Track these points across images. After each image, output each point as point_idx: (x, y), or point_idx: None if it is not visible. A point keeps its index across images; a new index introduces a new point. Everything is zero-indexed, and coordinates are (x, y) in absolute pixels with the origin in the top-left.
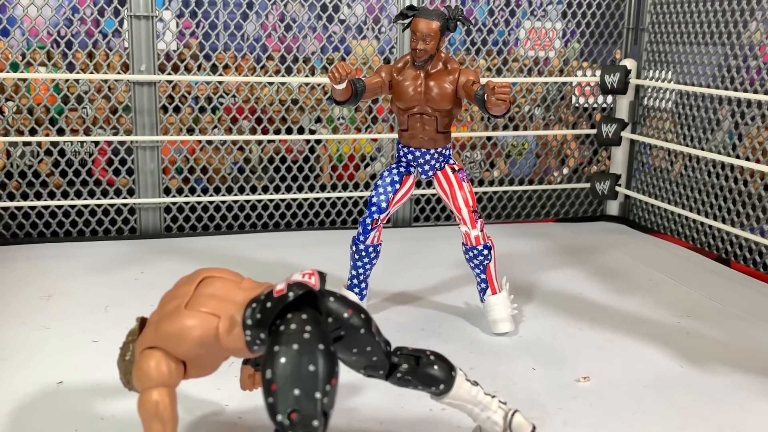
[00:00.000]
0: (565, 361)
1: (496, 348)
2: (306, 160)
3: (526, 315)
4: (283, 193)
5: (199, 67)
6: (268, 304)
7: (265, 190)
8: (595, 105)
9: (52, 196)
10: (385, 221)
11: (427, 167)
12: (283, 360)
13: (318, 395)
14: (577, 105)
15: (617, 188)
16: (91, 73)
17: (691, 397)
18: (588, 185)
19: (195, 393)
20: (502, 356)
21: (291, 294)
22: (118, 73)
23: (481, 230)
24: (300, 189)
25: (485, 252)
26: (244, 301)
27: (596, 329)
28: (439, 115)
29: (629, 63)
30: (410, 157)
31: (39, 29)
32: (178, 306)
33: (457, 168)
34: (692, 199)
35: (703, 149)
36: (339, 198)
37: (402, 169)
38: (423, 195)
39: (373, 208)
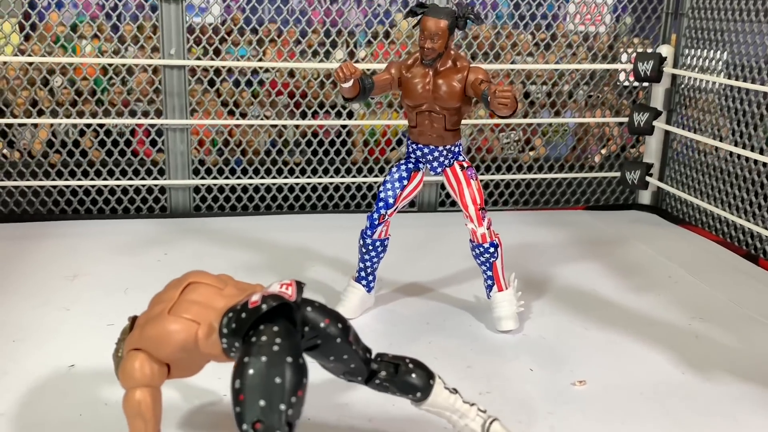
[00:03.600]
0: (564, 363)
1: (498, 346)
2: (340, 137)
3: (533, 311)
4: (308, 177)
5: (242, 40)
6: (243, 315)
7: (291, 173)
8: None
9: (86, 174)
10: (392, 216)
11: (435, 164)
12: (251, 371)
13: (282, 407)
14: (626, 84)
15: (649, 178)
16: (139, 46)
17: (686, 406)
18: (618, 174)
19: (195, 382)
20: (501, 355)
21: (264, 306)
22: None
23: (488, 228)
24: (328, 172)
25: (491, 250)
26: (224, 308)
27: (603, 329)
28: (447, 113)
29: (665, 50)
30: (419, 153)
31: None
32: (162, 310)
33: (465, 165)
34: (724, 193)
35: (737, 144)
36: (364, 182)
37: (411, 165)
38: None
39: (381, 204)
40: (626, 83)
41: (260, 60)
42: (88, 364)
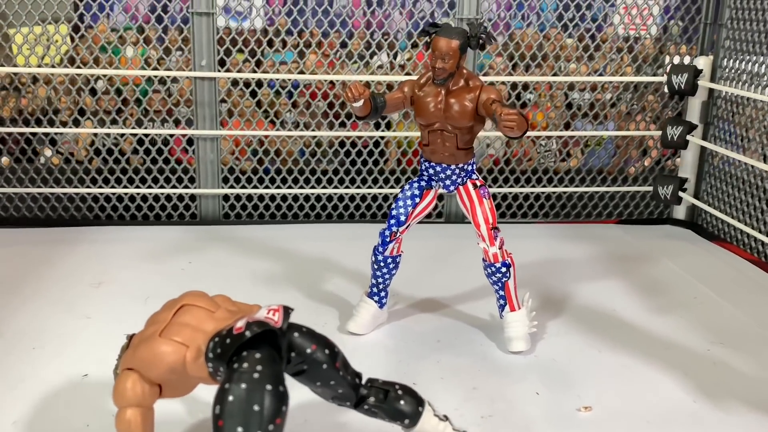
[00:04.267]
0: (572, 387)
1: (506, 367)
2: (377, 147)
3: (548, 331)
4: (335, 187)
5: (284, 45)
6: (227, 340)
7: (318, 182)
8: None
9: (119, 182)
10: (404, 233)
11: (448, 182)
12: (230, 398)
13: None
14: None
15: (682, 194)
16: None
17: None
18: (651, 188)
19: (200, 396)
20: (509, 376)
21: (247, 333)
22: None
23: (500, 248)
24: (355, 182)
25: (503, 270)
26: (212, 331)
27: (616, 352)
28: (459, 132)
29: (702, 61)
30: (431, 171)
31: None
32: (154, 332)
33: (478, 184)
34: (759, 210)
35: None
36: (391, 193)
37: (423, 183)
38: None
39: (392, 221)
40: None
41: (299, 69)
42: (100, 374)
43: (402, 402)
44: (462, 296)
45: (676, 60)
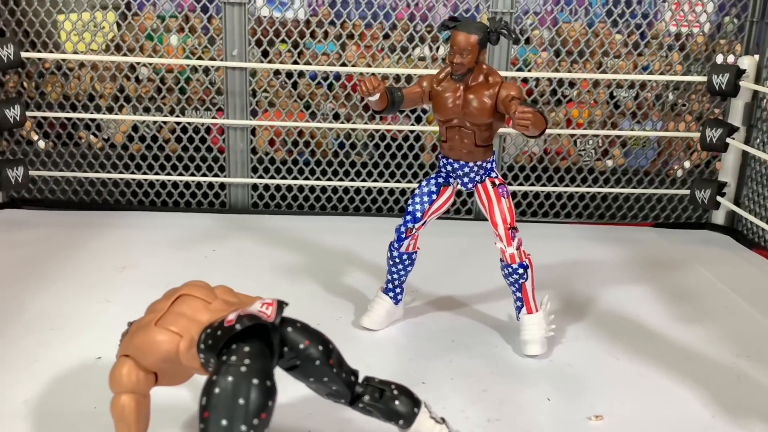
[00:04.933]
0: (585, 394)
1: (519, 371)
2: (407, 141)
3: (566, 336)
4: (363, 180)
5: (325, 36)
6: (218, 332)
7: (346, 174)
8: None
9: (150, 168)
10: (420, 230)
11: (466, 179)
12: (217, 390)
13: (243, 428)
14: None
15: (721, 198)
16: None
17: None
18: (689, 191)
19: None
20: (521, 381)
21: (238, 326)
22: None
23: (518, 248)
24: (382, 175)
25: (520, 271)
26: (206, 322)
27: (635, 361)
28: (477, 129)
29: (746, 62)
30: (449, 168)
31: None
32: (151, 320)
33: (497, 182)
34: None
35: None
36: None
37: (441, 180)
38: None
39: (408, 217)
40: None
41: (341, 60)
42: (113, 358)
43: (397, 402)
44: (482, 296)
45: (731, 59)
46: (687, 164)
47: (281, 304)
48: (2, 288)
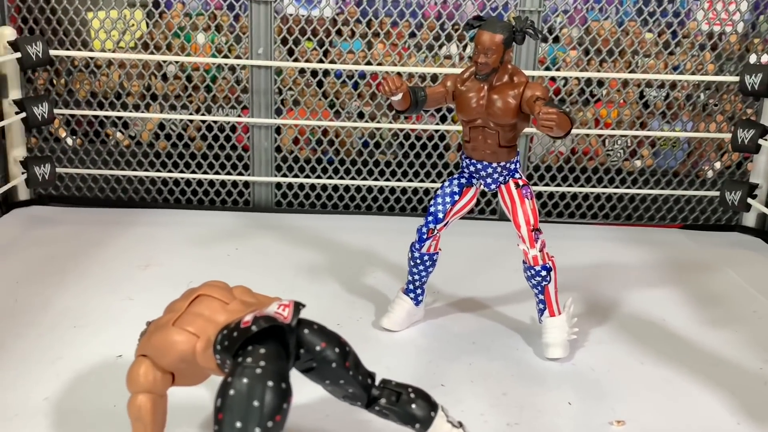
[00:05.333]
0: (606, 399)
1: (540, 374)
2: (440, 138)
3: (590, 339)
4: (386, 179)
5: (352, 34)
6: (234, 334)
7: (370, 173)
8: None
9: (176, 166)
10: (442, 231)
11: (489, 180)
12: (231, 392)
13: (257, 430)
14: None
15: (752, 200)
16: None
17: None
18: (718, 193)
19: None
20: (542, 384)
21: (254, 327)
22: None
23: (541, 250)
24: (406, 174)
25: (543, 273)
26: (223, 323)
27: (659, 366)
28: (501, 129)
29: None
30: (472, 168)
31: None
32: (169, 320)
33: (521, 183)
34: None
35: None
36: None
37: (463, 180)
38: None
39: (430, 218)
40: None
41: (366, 59)
42: (133, 356)
43: (414, 405)
44: (505, 298)
45: (765, 59)
46: (717, 165)
47: (298, 306)
48: (28, 285)
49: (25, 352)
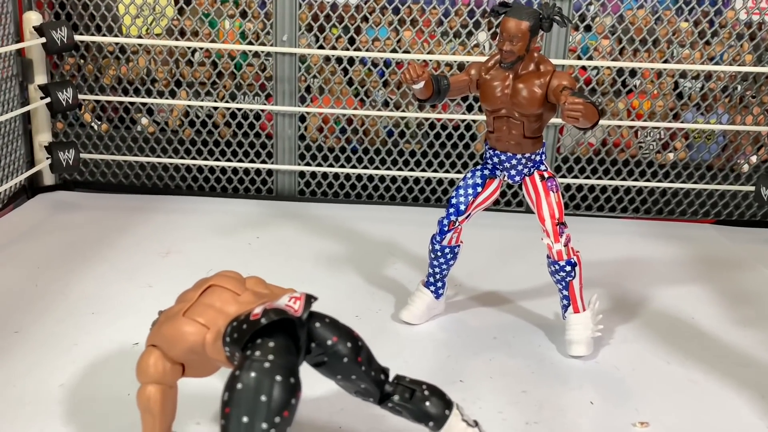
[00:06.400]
0: (630, 399)
1: (563, 372)
2: (458, 130)
3: (615, 336)
4: (411, 170)
5: (379, 20)
6: (244, 326)
7: (394, 163)
8: None
9: (200, 154)
10: (464, 223)
11: (513, 172)
12: (239, 386)
13: (264, 426)
14: None
15: None
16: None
17: None
18: (753, 188)
19: None
20: (564, 383)
21: (263, 320)
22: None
23: (566, 245)
24: (431, 165)
25: (567, 268)
26: (234, 315)
27: (686, 365)
28: (526, 119)
29: None
30: (496, 160)
31: None
32: (180, 310)
33: (547, 176)
34: None
35: None
36: None
37: (487, 172)
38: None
39: (451, 210)
40: None
41: (392, 46)
42: None
43: (428, 403)
44: (528, 292)
45: None
46: (753, 159)
47: (309, 299)
48: (48, 270)
49: (43, 337)
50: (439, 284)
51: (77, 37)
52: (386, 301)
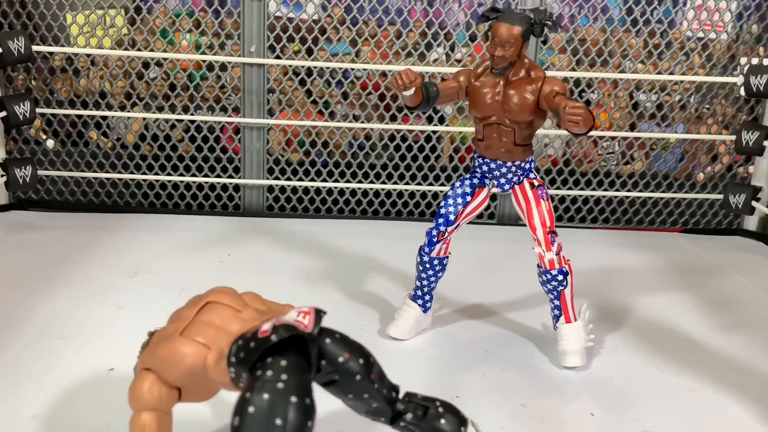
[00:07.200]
0: (630, 409)
1: (559, 384)
2: (429, 142)
3: (605, 346)
4: (383, 182)
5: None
6: (251, 344)
7: (365, 176)
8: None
9: (163, 169)
10: (453, 234)
11: (503, 180)
12: (251, 409)
13: None
14: (746, 97)
15: (756, 203)
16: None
17: None
18: (722, 196)
19: (226, 397)
20: (561, 395)
21: (274, 337)
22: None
23: (557, 253)
24: (404, 177)
25: (560, 277)
26: (237, 333)
27: (680, 373)
28: (517, 126)
29: None
30: (485, 168)
31: None
32: (176, 330)
33: (536, 183)
34: None
35: None
36: (442, 191)
37: (476, 181)
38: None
39: (441, 220)
40: (746, 97)
41: (353, 59)
42: (127, 368)
43: (443, 421)
44: (513, 303)
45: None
46: (717, 168)
47: (319, 313)
48: (9, 293)
49: (10, 365)
50: (427, 297)
51: (34, 48)
52: (371, 316)
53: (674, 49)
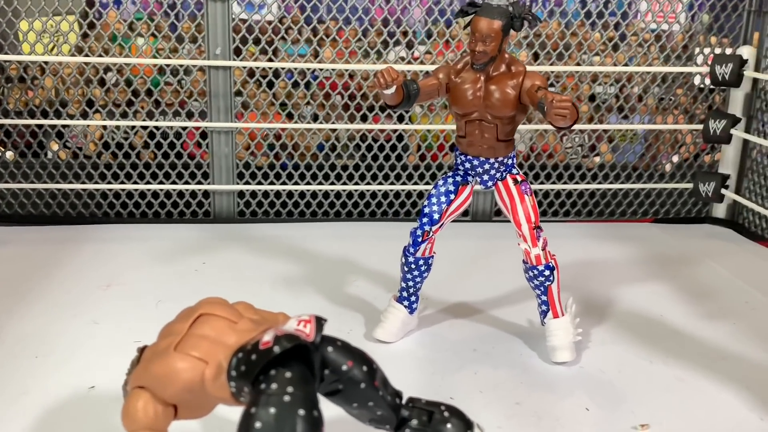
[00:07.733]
0: (625, 402)
1: (551, 380)
2: (392, 141)
3: (593, 340)
4: (356, 183)
5: (299, 39)
6: (253, 357)
7: (338, 178)
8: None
9: (129, 178)
10: (438, 233)
11: (486, 177)
12: (258, 425)
13: None
14: (701, 86)
15: (724, 191)
16: (197, 45)
17: None
18: (691, 185)
19: (220, 412)
20: (555, 391)
21: (276, 348)
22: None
23: (543, 248)
24: (377, 178)
25: (546, 273)
26: (235, 345)
27: (669, 363)
28: (499, 122)
29: (746, 51)
30: (468, 165)
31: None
32: (169, 345)
33: (519, 179)
34: None
35: None
36: (415, 189)
37: (458, 178)
38: None
39: (425, 219)
40: (702, 86)
41: (317, 59)
42: (107, 386)
43: (449, 425)
44: (496, 301)
45: (706, 52)
46: (675, 159)
47: (320, 321)
48: None
49: None
50: (413, 298)
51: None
52: (355, 320)
53: (628, 41)
